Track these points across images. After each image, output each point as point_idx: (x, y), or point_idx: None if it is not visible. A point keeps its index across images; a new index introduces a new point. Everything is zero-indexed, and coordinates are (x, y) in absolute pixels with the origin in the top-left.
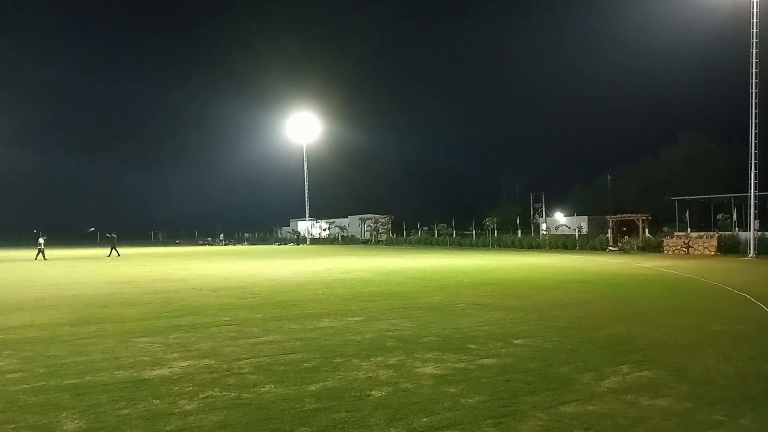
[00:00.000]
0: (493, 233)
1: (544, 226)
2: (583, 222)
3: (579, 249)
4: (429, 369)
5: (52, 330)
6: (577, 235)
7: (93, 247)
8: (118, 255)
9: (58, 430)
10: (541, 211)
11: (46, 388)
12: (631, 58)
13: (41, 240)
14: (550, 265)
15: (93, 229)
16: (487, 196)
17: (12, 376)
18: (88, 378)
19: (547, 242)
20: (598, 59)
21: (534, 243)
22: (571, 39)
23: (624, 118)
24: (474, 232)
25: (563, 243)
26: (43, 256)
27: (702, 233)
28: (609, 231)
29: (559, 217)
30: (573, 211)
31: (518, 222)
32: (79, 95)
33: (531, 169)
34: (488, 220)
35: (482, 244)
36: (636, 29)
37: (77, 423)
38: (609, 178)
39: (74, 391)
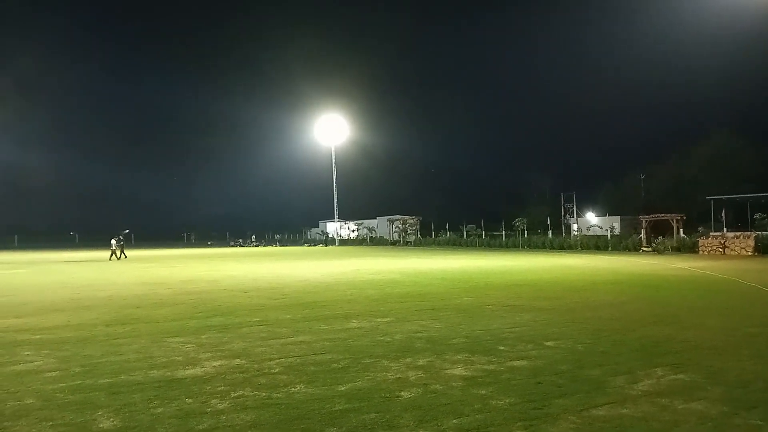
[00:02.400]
0: (523, 234)
1: (575, 227)
2: (616, 222)
3: (611, 250)
4: (458, 370)
5: (87, 330)
6: (609, 235)
7: (126, 248)
8: (119, 258)
9: (94, 428)
10: (572, 211)
11: (82, 387)
12: (660, 54)
13: (113, 241)
14: (582, 266)
15: (127, 231)
16: (516, 196)
17: (50, 374)
18: (122, 377)
19: (579, 243)
20: (627, 55)
21: (565, 244)
22: (598, 35)
23: (653, 115)
24: (503, 233)
25: (595, 244)
26: (116, 257)
27: (738, 233)
28: (642, 231)
29: (591, 217)
30: (605, 210)
31: (548, 222)
32: (106, 98)
33: (560, 169)
34: (518, 221)
35: (512, 245)
36: (665, 25)
37: (112, 421)
38: (642, 177)
39: (109, 390)
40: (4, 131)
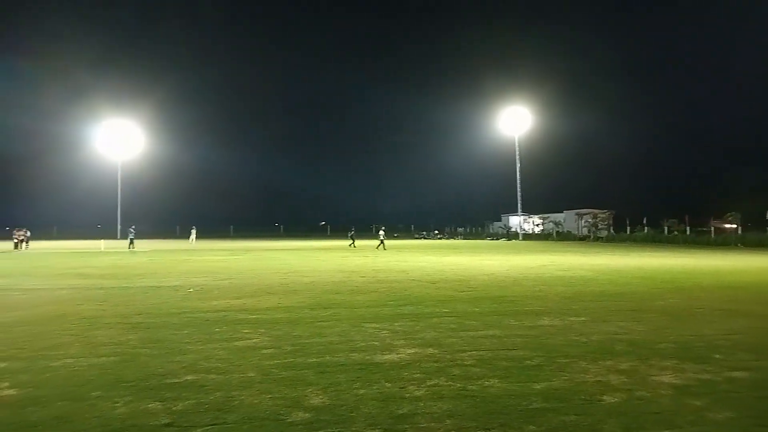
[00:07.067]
0: (735, 231)
1: None
2: None
3: None
4: (667, 378)
5: (295, 312)
6: None
7: (323, 239)
8: (354, 246)
9: (306, 404)
10: None
11: (293, 364)
12: None
13: (382, 231)
14: None
15: (324, 223)
16: (727, 189)
17: (266, 351)
18: (327, 358)
19: None
20: None
21: None
22: None
23: None
24: (712, 229)
25: None
26: (383, 247)
27: None
28: None
29: None
30: None
31: (767, 218)
32: (303, 102)
33: None
34: (730, 216)
35: (722, 242)
36: None
37: (321, 398)
38: None
39: (317, 369)
40: (220, 136)
